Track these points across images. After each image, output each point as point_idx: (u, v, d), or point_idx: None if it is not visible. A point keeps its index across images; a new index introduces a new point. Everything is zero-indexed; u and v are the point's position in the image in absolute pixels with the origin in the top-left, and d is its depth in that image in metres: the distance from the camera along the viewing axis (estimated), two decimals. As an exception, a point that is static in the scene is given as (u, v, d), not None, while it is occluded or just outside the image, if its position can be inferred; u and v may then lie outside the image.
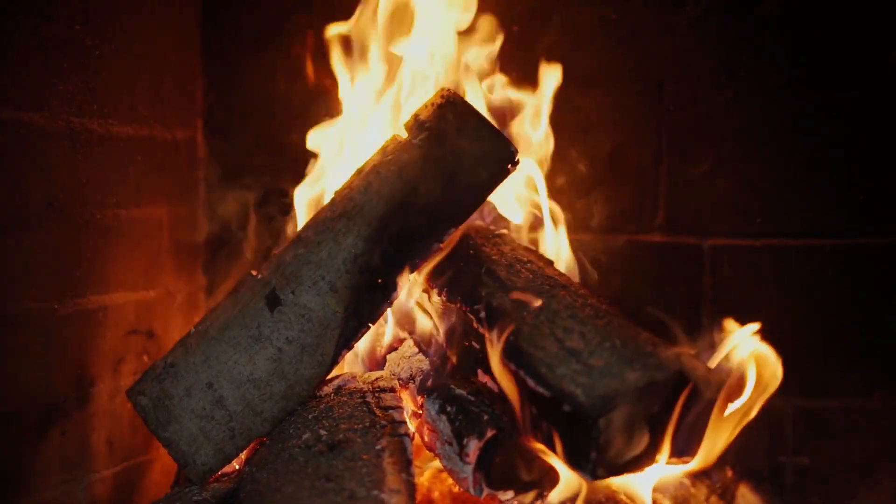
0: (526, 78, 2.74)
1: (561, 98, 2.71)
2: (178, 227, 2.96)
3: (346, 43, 2.76)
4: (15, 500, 2.34)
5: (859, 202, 2.74)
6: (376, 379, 2.32)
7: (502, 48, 2.72)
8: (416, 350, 2.45)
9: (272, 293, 2.20)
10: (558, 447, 1.98)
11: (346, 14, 2.75)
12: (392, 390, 2.26)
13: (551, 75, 2.70)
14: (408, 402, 2.36)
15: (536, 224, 2.64)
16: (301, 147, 2.90)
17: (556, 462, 2.02)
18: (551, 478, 2.11)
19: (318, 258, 2.20)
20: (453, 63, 2.67)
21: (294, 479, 1.96)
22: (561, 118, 2.76)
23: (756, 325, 2.20)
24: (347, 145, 2.73)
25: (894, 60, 2.68)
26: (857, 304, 2.75)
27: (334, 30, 2.75)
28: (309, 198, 2.72)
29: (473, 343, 2.25)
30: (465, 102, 2.29)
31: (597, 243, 2.82)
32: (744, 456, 2.30)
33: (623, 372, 1.93)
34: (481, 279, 2.27)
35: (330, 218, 2.25)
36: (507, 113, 2.66)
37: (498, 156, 2.27)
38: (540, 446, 2.03)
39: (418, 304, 2.50)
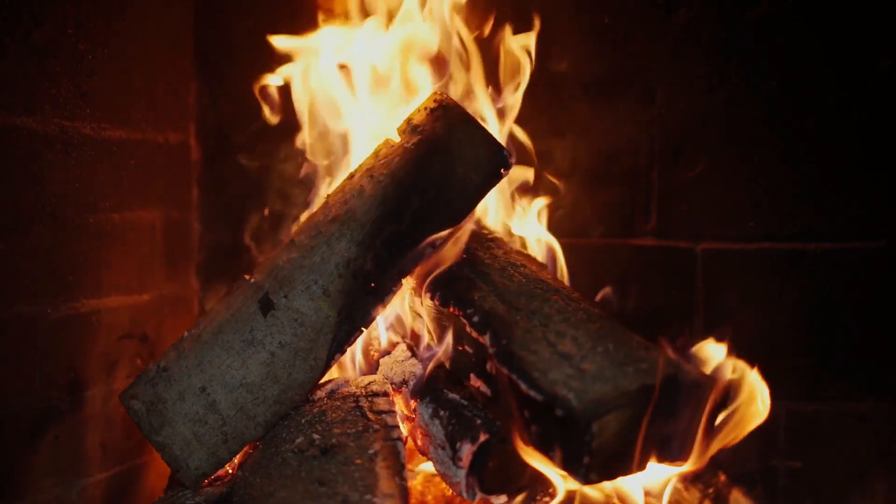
0: (518, 80, 2.74)
1: (554, 102, 2.71)
2: (171, 230, 2.96)
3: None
4: (8, 505, 2.34)
5: (851, 206, 2.74)
6: (369, 383, 2.32)
7: (495, 52, 2.72)
8: (409, 354, 2.45)
9: (265, 297, 2.20)
10: (551, 451, 1.98)
11: (338, 19, 2.76)
12: (385, 394, 2.27)
13: (543, 78, 2.70)
14: (401, 407, 2.36)
15: (528, 227, 2.65)
16: (294, 149, 2.91)
17: (549, 466, 2.02)
18: (544, 482, 2.12)
19: (311, 262, 2.20)
20: (446, 66, 2.68)
21: (287, 483, 1.96)
22: (553, 122, 2.77)
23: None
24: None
25: (884, 68, 2.68)
26: (848, 308, 2.75)
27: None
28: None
29: (466, 347, 2.25)
30: (458, 106, 2.30)
31: (589, 247, 2.82)
32: (736, 460, 2.31)
33: (616, 376, 1.93)
34: (474, 283, 2.27)
35: (323, 222, 2.25)
36: (499, 116, 2.65)
37: (490, 160, 2.27)
38: (532, 451, 2.03)
39: (411, 308, 2.51)
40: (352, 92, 2.71)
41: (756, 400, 2.16)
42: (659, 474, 2.18)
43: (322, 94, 2.73)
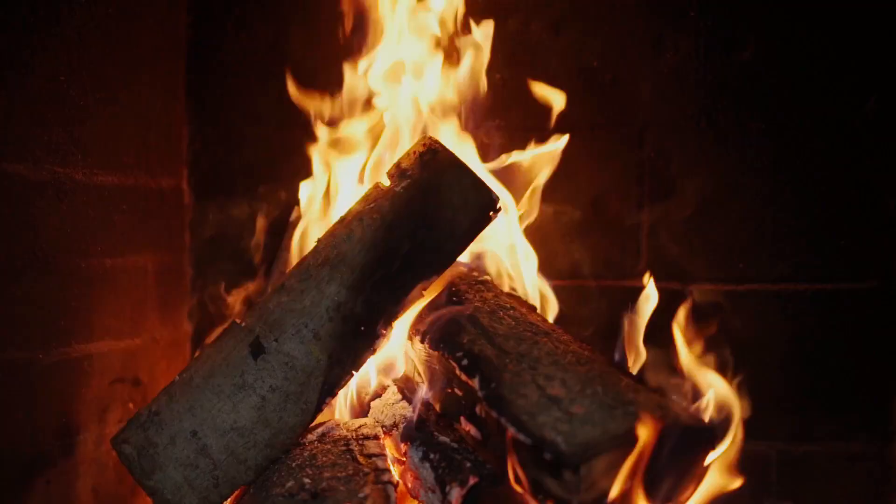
0: (509, 124, 2.77)
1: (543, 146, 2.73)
2: (163, 275, 2.96)
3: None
4: (-1, 551, 2.34)
5: (840, 247, 2.75)
6: (360, 426, 2.32)
7: (485, 95, 2.74)
8: (400, 397, 2.45)
9: (256, 341, 2.21)
10: (541, 494, 1.98)
11: (328, 66, 2.79)
12: (376, 437, 2.27)
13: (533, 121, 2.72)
14: (391, 450, 2.36)
15: (517, 270, 2.66)
16: (285, 194, 2.92)
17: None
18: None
19: (301, 306, 2.21)
20: (436, 109, 2.69)
21: (277, 527, 1.96)
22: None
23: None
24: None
25: (869, 109, 2.70)
26: (837, 349, 2.76)
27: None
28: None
29: (456, 390, 2.26)
30: (447, 150, 2.31)
31: (580, 289, 2.82)
32: (728, 500, 2.30)
33: (604, 419, 1.94)
34: (463, 326, 2.28)
35: (313, 266, 2.26)
36: (490, 161, 2.67)
37: (479, 203, 2.28)
38: (522, 493, 2.03)
39: (402, 351, 2.51)
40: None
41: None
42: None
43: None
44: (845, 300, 2.76)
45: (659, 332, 2.70)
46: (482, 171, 2.60)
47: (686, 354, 2.33)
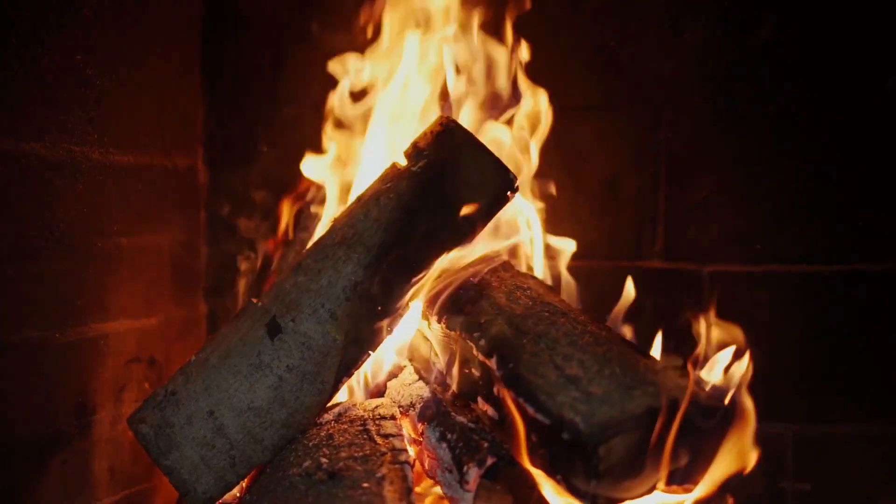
0: (526, 104, 2.75)
1: (560, 125, 2.72)
2: (179, 254, 2.96)
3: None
4: (16, 530, 2.34)
5: (858, 228, 2.74)
6: (377, 406, 2.32)
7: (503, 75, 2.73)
8: (417, 377, 2.45)
9: (272, 321, 2.20)
10: (558, 475, 1.98)
11: (344, 41, 2.78)
12: (392, 418, 2.27)
13: (550, 102, 2.71)
14: (408, 430, 2.36)
15: (533, 250, 2.65)
16: (302, 173, 2.92)
17: (556, 490, 2.02)
18: (551, 505, 2.11)
19: (318, 286, 2.21)
20: (453, 90, 2.69)
21: (294, 507, 1.96)
22: (560, 145, 2.77)
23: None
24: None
25: (889, 88, 2.69)
26: (856, 330, 2.75)
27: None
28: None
29: (473, 370, 2.26)
30: (464, 130, 2.30)
31: (596, 270, 2.81)
32: (744, 482, 2.30)
33: (622, 400, 1.93)
34: (481, 306, 2.27)
35: (330, 245, 2.25)
36: (506, 140, 2.66)
37: (497, 183, 2.28)
38: (540, 474, 2.03)
39: (418, 331, 2.51)
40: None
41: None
42: (668, 499, 2.17)
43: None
44: (863, 281, 2.75)
45: (676, 313, 2.71)
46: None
47: (704, 335, 2.32)
